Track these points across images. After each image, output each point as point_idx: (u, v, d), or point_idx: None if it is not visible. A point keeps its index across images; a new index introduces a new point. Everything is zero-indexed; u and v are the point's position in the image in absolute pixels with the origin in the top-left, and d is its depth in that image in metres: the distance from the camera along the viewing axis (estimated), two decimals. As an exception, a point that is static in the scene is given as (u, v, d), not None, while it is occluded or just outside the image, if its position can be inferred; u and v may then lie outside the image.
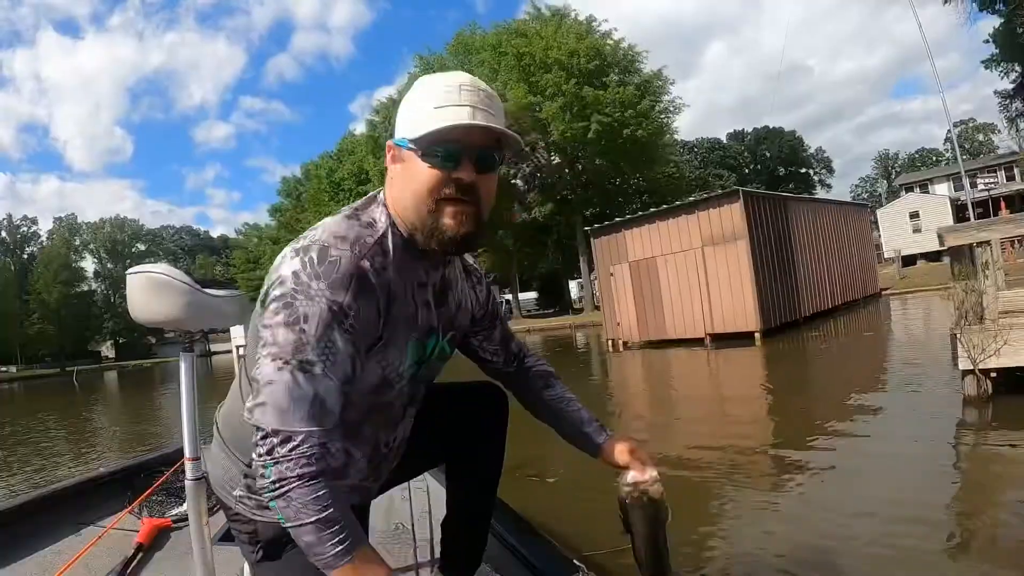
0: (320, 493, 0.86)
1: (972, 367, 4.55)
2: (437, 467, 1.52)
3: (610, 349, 13.24)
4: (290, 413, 0.87)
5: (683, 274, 11.62)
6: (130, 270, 1.45)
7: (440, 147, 0.94)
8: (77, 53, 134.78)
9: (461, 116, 0.92)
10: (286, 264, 0.92)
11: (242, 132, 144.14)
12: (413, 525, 1.83)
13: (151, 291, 1.39)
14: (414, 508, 1.95)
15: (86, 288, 63.09)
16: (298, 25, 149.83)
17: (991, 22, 25.83)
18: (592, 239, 13.75)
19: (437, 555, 1.62)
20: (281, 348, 0.88)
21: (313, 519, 0.85)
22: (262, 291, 0.96)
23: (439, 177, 0.95)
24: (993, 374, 4.67)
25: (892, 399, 5.25)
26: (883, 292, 18.00)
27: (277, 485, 0.86)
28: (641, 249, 12.43)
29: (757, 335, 10.60)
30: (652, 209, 13.31)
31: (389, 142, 1.01)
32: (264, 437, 0.87)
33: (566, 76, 24.46)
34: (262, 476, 0.87)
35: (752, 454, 4.29)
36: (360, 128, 37.22)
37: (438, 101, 0.94)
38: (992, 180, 28.71)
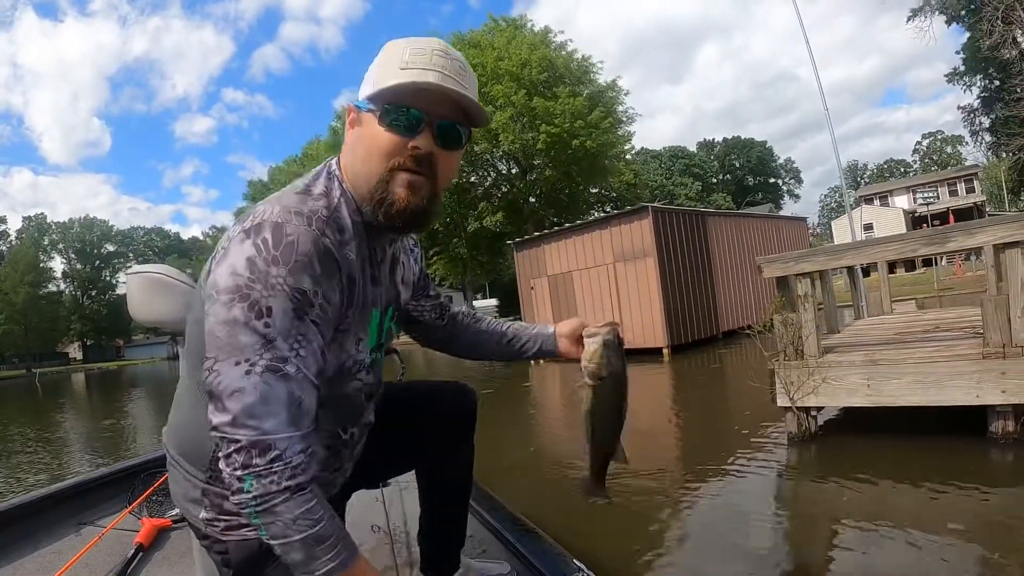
0: (310, 506, 0.78)
1: (790, 404, 4.37)
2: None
3: (532, 362, 13.04)
4: (265, 421, 0.76)
5: (596, 289, 11.47)
6: (130, 270, 1.44)
7: (400, 111, 0.85)
8: (57, 37, 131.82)
9: (426, 77, 0.83)
10: (235, 248, 0.79)
11: (223, 127, 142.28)
12: (390, 526, 1.82)
13: (151, 291, 1.38)
14: (389, 509, 1.94)
15: (54, 288, 62.03)
16: (288, 15, 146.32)
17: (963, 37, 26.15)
18: (515, 252, 13.56)
19: (414, 554, 1.64)
20: (243, 349, 0.77)
21: (303, 535, 0.77)
22: (204, 277, 0.83)
23: (395, 142, 0.86)
24: (814, 412, 4.49)
25: (739, 426, 5.10)
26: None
27: (260, 500, 0.77)
28: (559, 263, 12.27)
29: (665, 351, 10.46)
30: (568, 224, 13.15)
31: (349, 105, 0.93)
32: (239, 450, 0.77)
33: (516, 87, 24.30)
34: (240, 491, 0.77)
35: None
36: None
37: (404, 61, 0.85)
38: (931, 195, 29.31)
